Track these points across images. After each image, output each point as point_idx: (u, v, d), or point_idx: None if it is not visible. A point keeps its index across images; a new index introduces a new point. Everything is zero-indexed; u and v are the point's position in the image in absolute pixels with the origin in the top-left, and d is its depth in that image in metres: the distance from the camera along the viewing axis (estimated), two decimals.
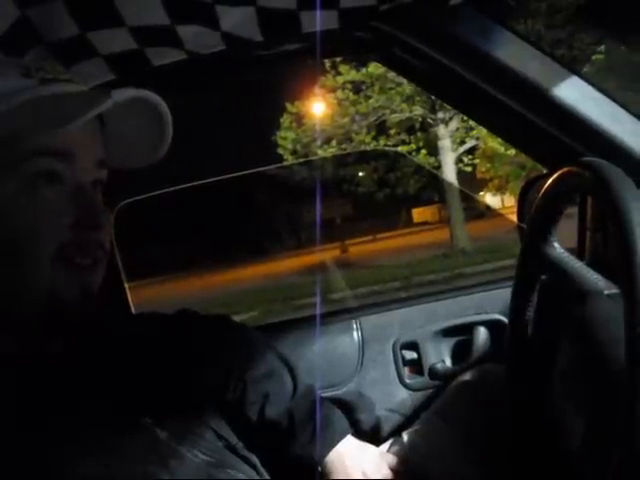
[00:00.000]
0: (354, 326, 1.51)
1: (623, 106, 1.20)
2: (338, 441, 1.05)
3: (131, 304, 1.70)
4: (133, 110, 0.82)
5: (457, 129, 15.91)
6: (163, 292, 15.23)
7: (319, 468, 1.04)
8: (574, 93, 1.17)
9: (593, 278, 0.86)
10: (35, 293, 0.77)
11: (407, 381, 1.48)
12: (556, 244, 0.95)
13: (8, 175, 0.75)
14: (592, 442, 0.78)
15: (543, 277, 0.99)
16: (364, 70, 15.25)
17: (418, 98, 15.30)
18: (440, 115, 15.47)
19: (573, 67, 1.18)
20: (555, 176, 0.87)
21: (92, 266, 0.81)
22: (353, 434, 1.09)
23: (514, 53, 1.16)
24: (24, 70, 0.78)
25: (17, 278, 0.77)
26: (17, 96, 0.75)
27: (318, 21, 1.10)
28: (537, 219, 0.96)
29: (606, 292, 0.82)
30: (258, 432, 1.04)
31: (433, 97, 12.11)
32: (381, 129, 16.95)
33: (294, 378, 1.09)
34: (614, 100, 1.19)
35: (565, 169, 0.83)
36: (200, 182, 2.00)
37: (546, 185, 0.90)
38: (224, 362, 1.07)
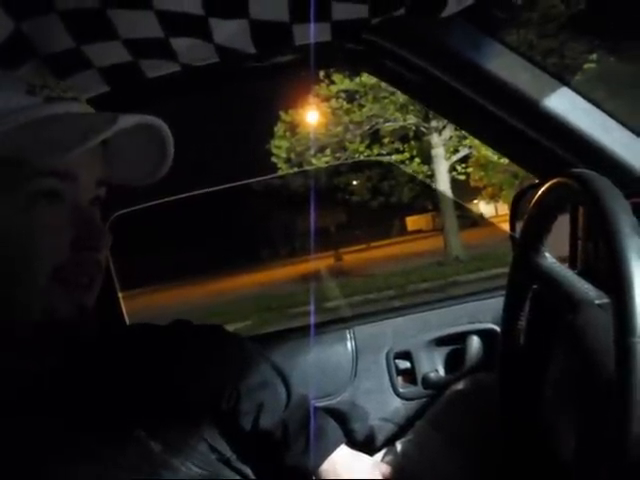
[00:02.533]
0: (348, 336, 1.51)
1: (613, 116, 1.21)
2: (332, 451, 1.05)
3: (125, 314, 1.70)
4: (136, 133, 0.82)
5: (450, 138, 15.95)
6: (157, 301, 15.19)
7: (313, 478, 1.04)
8: (564, 104, 1.18)
9: (584, 288, 0.87)
10: (31, 311, 0.77)
11: (401, 390, 1.48)
12: (547, 254, 0.95)
13: (9, 194, 0.74)
14: (584, 451, 0.78)
15: (535, 287, 0.99)
16: (358, 79, 15.28)
17: (412, 107, 15.34)
18: (433, 124, 15.51)
19: (563, 77, 1.19)
20: (545, 187, 0.87)
21: (88, 284, 0.81)
22: (347, 444, 1.09)
23: (505, 64, 1.17)
24: (29, 87, 0.77)
25: (14, 296, 0.76)
26: (21, 114, 0.75)
27: (312, 34, 1.10)
28: (528, 229, 0.97)
29: (597, 302, 0.83)
30: (252, 442, 1.04)
31: None
32: (375, 138, 16.97)
33: (288, 388, 1.09)
34: (604, 110, 1.21)
35: (555, 180, 0.84)
36: (195, 192, 2.00)
37: (536, 196, 0.91)
38: (218, 372, 1.07)
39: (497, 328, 1.43)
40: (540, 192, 0.89)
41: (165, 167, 0.89)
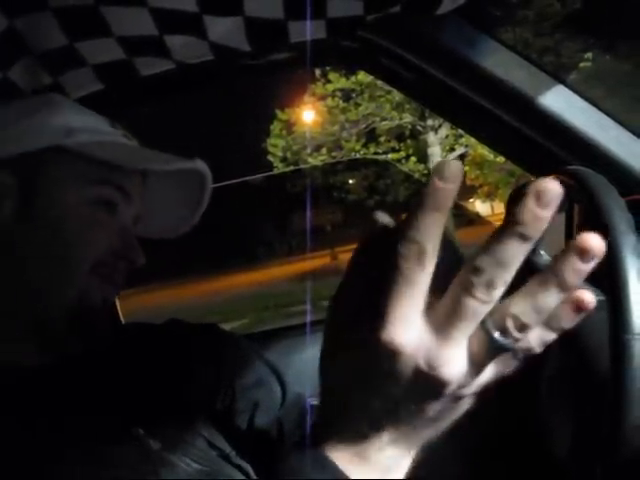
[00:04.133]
0: None
1: (609, 114, 1.21)
2: None
3: (120, 313, 1.69)
4: (183, 181, 0.93)
5: (447, 136, 15.99)
6: (153, 300, 15.18)
7: None
8: (559, 101, 1.18)
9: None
10: (68, 295, 0.82)
11: None
12: (542, 252, 0.95)
13: (78, 189, 0.83)
14: (579, 447, 0.78)
15: None
16: (354, 78, 15.32)
17: (408, 106, 15.37)
18: (430, 122, 15.55)
19: (559, 75, 1.19)
20: None
21: (116, 283, 0.88)
22: None
23: (500, 62, 1.17)
24: (111, 123, 0.90)
25: (55, 279, 0.82)
26: (110, 136, 0.88)
27: (308, 31, 1.10)
28: None
29: None
30: (248, 441, 1.04)
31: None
32: (371, 136, 17.01)
33: (283, 387, 1.08)
34: (599, 108, 1.21)
35: (550, 177, 0.84)
36: None
37: None
38: (213, 371, 1.07)
39: None
40: None
41: (189, 224, 1.01)
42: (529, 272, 0.97)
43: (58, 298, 0.82)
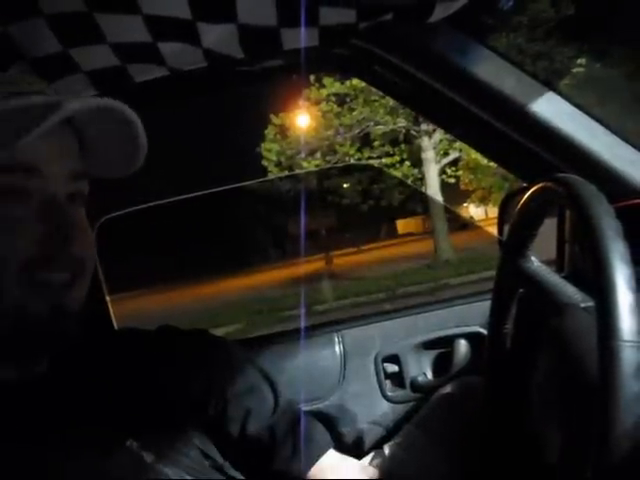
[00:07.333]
0: (336, 339, 1.51)
1: (599, 120, 1.22)
2: (320, 455, 1.05)
3: (113, 317, 1.69)
4: (102, 119, 0.79)
5: (440, 141, 15.99)
6: (147, 305, 15.13)
7: None
8: (550, 108, 1.19)
9: (570, 291, 0.87)
10: (5, 308, 0.74)
11: (389, 394, 1.48)
12: (533, 258, 0.96)
13: None
14: (568, 453, 0.79)
15: (521, 290, 1.00)
16: (348, 83, 15.32)
17: (402, 110, 15.35)
18: (423, 127, 15.54)
19: (552, 81, 1.20)
20: (530, 192, 0.88)
21: (67, 283, 0.78)
22: (335, 447, 1.09)
23: (492, 70, 1.18)
24: None
25: None
26: None
27: (302, 38, 1.11)
28: (514, 233, 0.97)
29: (582, 305, 0.84)
30: (240, 448, 1.04)
31: None
32: (365, 141, 17.00)
33: (275, 393, 1.08)
34: (590, 114, 1.21)
35: (540, 185, 0.85)
36: (185, 196, 2.00)
37: (522, 200, 0.91)
38: (205, 378, 1.07)
39: (484, 331, 1.44)
40: (525, 196, 0.90)
41: (139, 156, 0.86)
42: (520, 278, 0.97)
43: None
